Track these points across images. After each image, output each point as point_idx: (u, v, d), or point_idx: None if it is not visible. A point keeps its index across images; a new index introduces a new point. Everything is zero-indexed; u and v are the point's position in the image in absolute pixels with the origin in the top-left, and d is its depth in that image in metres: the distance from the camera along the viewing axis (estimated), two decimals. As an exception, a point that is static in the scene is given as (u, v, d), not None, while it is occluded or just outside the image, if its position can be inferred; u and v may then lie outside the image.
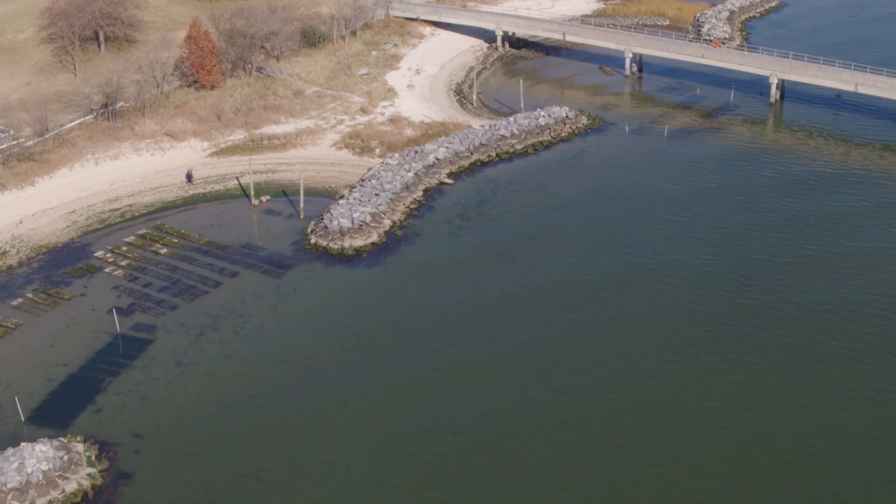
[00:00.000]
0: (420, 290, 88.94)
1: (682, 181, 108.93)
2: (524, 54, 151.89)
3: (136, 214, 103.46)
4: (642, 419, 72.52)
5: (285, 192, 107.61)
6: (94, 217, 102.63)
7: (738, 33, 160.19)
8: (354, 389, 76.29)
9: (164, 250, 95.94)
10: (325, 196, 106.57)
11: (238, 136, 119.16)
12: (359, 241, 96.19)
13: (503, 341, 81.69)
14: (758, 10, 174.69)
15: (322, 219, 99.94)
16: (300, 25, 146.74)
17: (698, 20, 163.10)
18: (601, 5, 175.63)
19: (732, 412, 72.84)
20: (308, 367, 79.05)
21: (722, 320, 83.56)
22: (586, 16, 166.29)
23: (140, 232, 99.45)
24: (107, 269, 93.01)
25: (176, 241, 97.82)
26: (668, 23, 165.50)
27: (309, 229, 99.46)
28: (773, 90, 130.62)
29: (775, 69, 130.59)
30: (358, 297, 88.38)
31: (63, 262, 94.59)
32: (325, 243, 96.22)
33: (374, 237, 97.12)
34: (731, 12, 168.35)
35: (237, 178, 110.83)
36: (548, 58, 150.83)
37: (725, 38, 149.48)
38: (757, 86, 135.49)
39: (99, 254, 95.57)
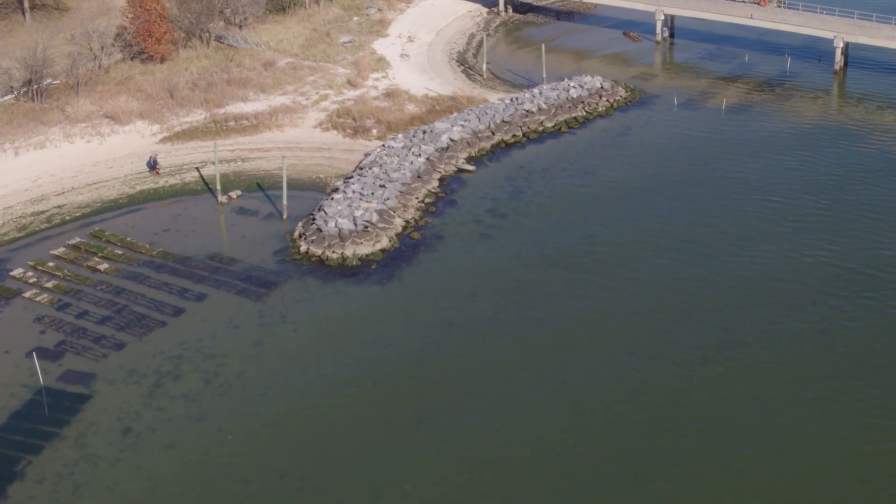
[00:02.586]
0: (454, 313, 66.09)
1: (756, 161, 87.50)
2: (531, 19, 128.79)
3: (68, 218, 79.32)
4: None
5: (261, 186, 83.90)
6: (11, 223, 78.45)
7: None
8: (383, 465, 53.42)
9: (104, 266, 71.95)
10: (312, 189, 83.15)
11: (197, 116, 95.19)
12: (365, 248, 72.94)
13: (577, 386, 58.84)
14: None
15: (313, 219, 76.50)
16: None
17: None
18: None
19: None
20: (313, 433, 56.05)
21: (874, 339, 61.62)
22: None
23: (72, 241, 75.41)
24: (26, 294, 68.91)
25: (120, 252, 73.84)
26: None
27: (296, 233, 76.08)
28: (838, 55, 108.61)
29: (841, 30, 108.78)
30: (370, 323, 65.33)
31: (-33, 284, 70.40)
32: (319, 251, 72.92)
33: (384, 242, 73.94)
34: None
35: (198, 168, 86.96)
36: (559, 23, 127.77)
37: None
38: (812, 51, 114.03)
39: (16, 272, 71.44)
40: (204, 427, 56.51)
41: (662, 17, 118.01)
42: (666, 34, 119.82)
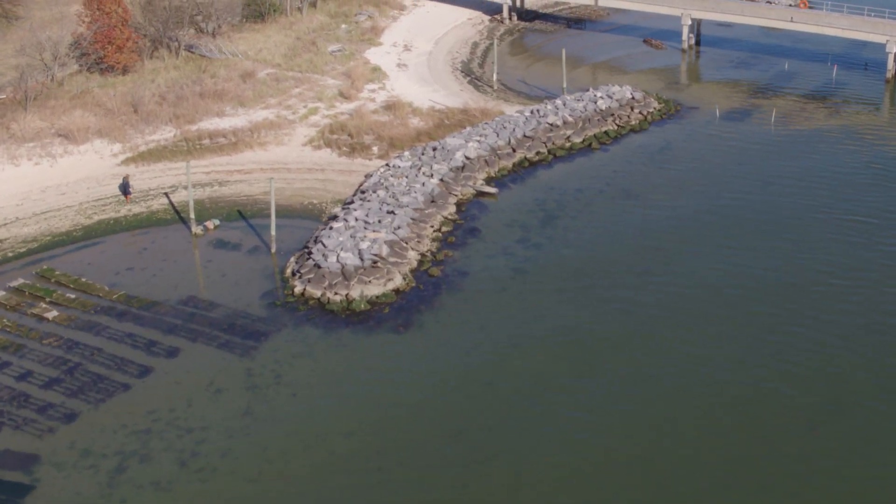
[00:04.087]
0: (492, 369, 53.11)
1: (823, 176, 75.34)
2: (539, 27, 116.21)
3: (10, 255, 65.58)
4: None
5: (242, 214, 70.39)
6: (-61, 261, 64.52)
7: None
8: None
9: (53, 313, 58.10)
10: (305, 217, 69.85)
11: (165, 133, 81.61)
12: (375, 288, 59.45)
13: (662, 457, 45.66)
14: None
15: (309, 253, 62.96)
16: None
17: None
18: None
19: None
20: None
21: None
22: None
23: (14, 283, 61.60)
24: (-48, 351, 54.90)
25: (73, 297, 59.99)
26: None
27: (288, 270, 62.54)
28: (891, 62, 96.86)
29: (895, 35, 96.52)
30: (387, 384, 52.11)
31: None
32: (318, 293, 59.38)
33: (398, 280, 60.49)
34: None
35: (167, 193, 73.33)
36: (570, 31, 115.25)
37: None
38: (856, 57, 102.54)
39: (-58, 323, 57.48)
40: (179, 530, 42.70)
41: (689, 22, 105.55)
42: (692, 41, 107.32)
